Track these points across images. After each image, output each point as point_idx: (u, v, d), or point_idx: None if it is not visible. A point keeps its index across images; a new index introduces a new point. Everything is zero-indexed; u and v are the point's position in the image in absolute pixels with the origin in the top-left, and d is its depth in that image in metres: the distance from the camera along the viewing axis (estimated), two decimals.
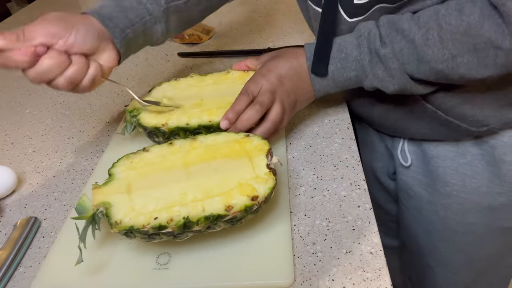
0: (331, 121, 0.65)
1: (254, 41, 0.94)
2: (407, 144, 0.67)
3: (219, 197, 0.43)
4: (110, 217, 0.43)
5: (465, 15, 0.45)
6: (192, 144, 0.50)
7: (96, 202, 0.44)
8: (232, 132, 0.51)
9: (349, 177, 0.54)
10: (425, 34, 0.47)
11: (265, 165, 0.46)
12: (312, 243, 0.46)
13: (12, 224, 0.54)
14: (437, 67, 0.48)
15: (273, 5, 1.13)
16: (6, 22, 1.27)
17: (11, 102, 0.83)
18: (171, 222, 0.41)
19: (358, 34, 0.52)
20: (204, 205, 0.42)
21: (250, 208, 0.42)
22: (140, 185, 0.46)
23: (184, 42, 0.97)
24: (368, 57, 0.51)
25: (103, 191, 0.46)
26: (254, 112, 0.53)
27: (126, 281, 0.44)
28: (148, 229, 0.41)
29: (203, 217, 0.41)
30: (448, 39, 0.46)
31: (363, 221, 0.48)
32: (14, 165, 0.65)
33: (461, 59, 0.46)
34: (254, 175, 0.45)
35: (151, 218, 0.42)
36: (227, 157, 0.48)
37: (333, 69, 0.54)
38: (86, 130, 0.71)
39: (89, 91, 0.54)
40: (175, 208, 0.42)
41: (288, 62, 0.57)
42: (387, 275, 0.42)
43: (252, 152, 0.48)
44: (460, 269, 0.72)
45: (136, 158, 0.49)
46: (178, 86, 0.62)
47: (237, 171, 0.46)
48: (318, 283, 0.42)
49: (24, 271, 0.48)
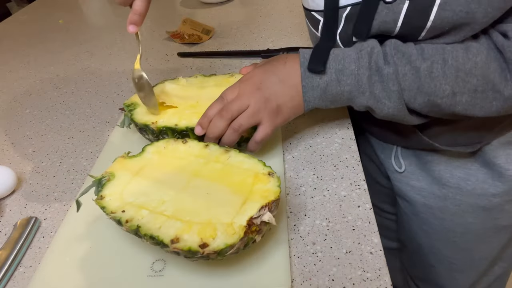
0: (331, 121, 0.65)
1: (254, 41, 0.94)
2: (401, 151, 0.67)
3: (179, 225, 0.41)
4: (102, 189, 0.46)
5: (472, 54, 0.44)
6: (221, 155, 0.49)
7: (110, 169, 0.49)
8: (261, 163, 0.47)
9: (349, 177, 0.54)
10: (430, 66, 0.46)
11: (249, 216, 0.40)
12: (312, 243, 0.46)
13: (12, 224, 0.54)
14: (435, 101, 0.48)
15: (273, 5, 1.13)
16: (6, 22, 1.27)
17: (11, 102, 0.83)
18: (128, 222, 0.42)
19: (359, 49, 0.50)
20: (163, 224, 0.41)
21: (194, 253, 0.39)
22: (147, 173, 0.48)
23: (184, 42, 0.97)
24: (367, 72, 0.49)
25: (123, 162, 0.50)
26: (219, 118, 0.51)
27: (121, 287, 0.43)
28: (111, 218, 0.43)
29: (150, 235, 0.40)
30: (452, 75, 0.45)
31: (363, 221, 0.48)
32: (14, 165, 0.65)
33: (460, 97, 0.46)
34: (230, 221, 0.41)
35: (121, 208, 0.43)
36: (229, 187, 0.45)
37: (327, 80, 0.51)
38: (86, 130, 0.71)
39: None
40: (142, 211, 0.43)
41: (271, 66, 0.55)
42: (387, 275, 0.42)
43: (254, 195, 0.43)
44: (463, 268, 0.72)
45: (171, 145, 0.52)
46: (179, 83, 0.63)
47: (221, 207, 0.43)
48: (318, 283, 0.42)
49: (24, 271, 0.48)
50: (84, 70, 0.91)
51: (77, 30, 1.15)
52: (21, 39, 1.13)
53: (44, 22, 1.22)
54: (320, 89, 0.52)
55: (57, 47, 1.05)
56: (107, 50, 1.00)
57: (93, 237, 0.49)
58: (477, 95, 0.46)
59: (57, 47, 1.05)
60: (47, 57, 1.00)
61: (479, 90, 0.45)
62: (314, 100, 0.53)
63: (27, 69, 0.96)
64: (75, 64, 0.95)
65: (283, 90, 0.53)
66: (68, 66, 0.94)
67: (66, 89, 0.85)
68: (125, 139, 0.65)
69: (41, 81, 0.89)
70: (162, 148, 0.51)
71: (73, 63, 0.96)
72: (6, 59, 1.02)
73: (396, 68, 0.47)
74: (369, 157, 0.77)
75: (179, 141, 0.52)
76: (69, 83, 0.87)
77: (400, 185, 0.70)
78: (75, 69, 0.93)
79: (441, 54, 0.46)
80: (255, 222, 0.40)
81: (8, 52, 1.05)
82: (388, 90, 0.48)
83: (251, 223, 0.40)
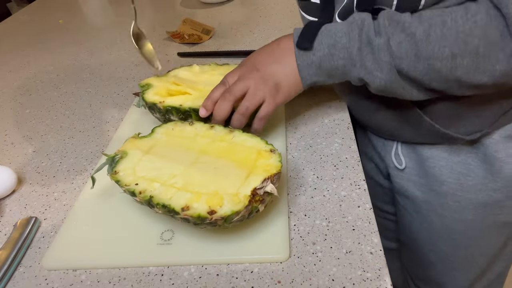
0: (331, 121, 0.65)
1: (254, 41, 0.94)
2: (401, 147, 0.67)
3: (189, 195, 0.44)
4: (116, 166, 0.49)
5: (471, 13, 0.43)
6: (225, 135, 0.53)
7: (122, 148, 0.52)
8: (264, 141, 0.51)
9: (349, 177, 0.54)
10: (427, 30, 0.45)
11: (253, 187, 0.44)
12: (312, 243, 0.46)
13: (12, 224, 0.54)
14: (435, 65, 0.46)
15: (273, 5, 1.13)
16: (6, 22, 1.27)
17: (11, 102, 0.83)
18: (141, 193, 0.45)
19: (350, 22, 0.49)
20: (174, 194, 0.45)
21: (203, 219, 0.42)
22: (157, 151, 0.52)
23: (184, 42, 0.97)
24: (357, 44, 0.48)
25: (134, 142, 0.54)
26: (223, 100, 0.54)
27: (133, 254, 0.47)
28: (125, 190, 0.47)
29: (162, 204, 0.44)
30: (451, 36, 0.44)
31: (363, 221, 0.48)
32: (14, 165, 0.65)
33: (461, 60, 0.45)
34: (235, 192, 0.44)
35: (134, 182, 0.47)
36: (234, 163, 0.48)
37: (320, 55, 0.51)
38: (86, 130, 0.71)
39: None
40: (154, 184, 0.46)
41: (267, 48, 0.57)
42: (387, 275, 0.42)
43: (258, 169, 0.47)
44: (463, 265, 0.72)
45: (179, 127, 0.55)
46: (192, 70, 0.68)
47: (227, 180, 0.46)
48: (318, 283, 0.42)
49: (24, 271, 0.48)
50: (84, 70, 0.91)
51: (77, 30, 1.15)
52: (21, 39, 1.13)
53: (44, 22, 1.22)
54: (315, 65, 0.53)
55: (57, 47, 1.05)
56: (107, 50, 1.00)
57: (106, 211, 0.53)
58: (479, 58, 0.44)
59: (57, 47, 1.05)
60: (47, 57, 1.00)
61: (480, 52, 0.44)
62: (311, 76, 0.54)
63: (27, 69, 0.96)
64: (75, 64, 0.95)
65: (279, 69, 0.55)
66: (68, 66, 0.94)
67: (66, 89, 0.85)
68: (140, 119, 0.70)
69: (41, 81, 0.89)
70: (170, 129, 0.55)
71: (73, 63, 0.96)
72: (6, 59, 1.02)
73: (388, 38, 0.46)
74: (369, 157, 0.77)
75: (186, 123, 0.56)
76: (69, 83, 0.87)
77: (401, 182, 0.70)
78: (75, 69, 0.93)
79: (439, 16, 0.45)
80: (259, 193, 0.44)
81: (8, 52, 1.05)
82: (380, 61, 0.48)
83: (255, 193, 0.43)
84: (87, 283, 0.45)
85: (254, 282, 0.43)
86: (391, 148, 0.69)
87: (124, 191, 0.48)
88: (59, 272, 0.47)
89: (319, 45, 0.51)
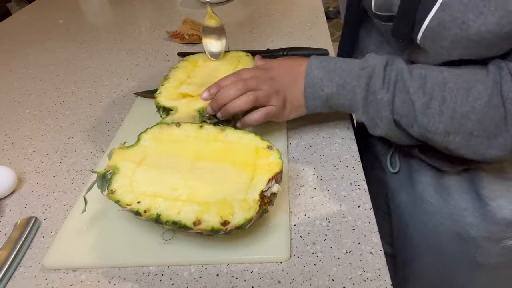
0: (331, 121, 0.65)
1: (254, 41, 0.94)
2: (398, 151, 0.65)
3: (197, 207, 0.43)
4: (111, 183, 0.47)
5: (472, 97, 0.44)
6: (218, 135, 0.51)
7: (112, 163, 0.49)
8: (258, 137, 0.50)
9: (349, 177, 0.54)
10: (427, 102, 0.46)
11: (260, 190, 0.43)
12: (312, 243, 0.46)
13: (12, 224, 0.54)
14: (428, 135, 0.48)
15: (273, 5, 1.13)
16: (6, 22, 1.27)
17: (11, 102, 0.83)
18: (146, 212, 0.43)
19: (362, 66, 0.51)
20: (181, 208, 0.43)
21: (217, 231, 0.42)
22: (151, 161, 0.49)
23: (184, 42, 0.97)
24: (363, 93, 0.50)
25: (123, 153, 0.50)
26: (233, 86, 0.54)
27: (134, 253, 0.47)
28: (128, 210, 0.44)
29: (171, 221, 0.42)
30: (447, 115, 0.45)
31: (363, 221, 0.48)
32: (14, 165, 0.65)
33: (453, 137, 0.46)
34: (243, 197, 0.43)
35: (135, 200, 0.44)
36: (234, 166, 0.47)
37: (328, 92, 0.53)
38: (86, 130, 0.71)
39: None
40: (158, 200, 0.44)
41: (289, 64, 0.57)
42: (387, 275, 0.42)
43: (260, 169, 0.46)
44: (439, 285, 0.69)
45: (166, 130, 0.53)
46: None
47: (232, 185, 0.45)
48: (318, 283, 0.42)
49: (24, 271, 0.48)
50: (84, 70, 0.91)
51: (77, 30, 1.15)
52: (21, 39, 1.13)
53: (44, 22, 1.22)
54: (321, 100, 0.55)
55: (57, 47, 1.05)
56: (107, 50, 1.00)
57: (107, 211, 0.52)
58: (472, 140, 0.45)
59: (57, 47, 1.05)
60: (47, 57, 1.00)
61: (474, 135, 0.44)
62: (315, 108, 0.56)
63: (27, 69, 0.96)
64: (75, 64, 0.95)
65: (292, 89, 0.56)
66: (68, 66, 0.94)
67: (66, 89, 0.85)
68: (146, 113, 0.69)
69: (41, 81, 0.89)
70: (158, 134, 0.53)
71: (73, 63, 0.96)
72: (6, 59, 1.02)
73: (392, 96, 0.48)
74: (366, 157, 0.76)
75: (173, 125, 0.53)
76: (69, 83, 0.87)
77: (393, 185, 0.68)
78: (75, 69, 0.93)
79: (441, 91, 0.45)
80: (266, 195, 0.43)
81: (8, 52, 1.05)
82: (380, 114, 0.49)
83: (263, 196, 0.43)
84: (87, 283, 0.45)
85: (254, 282, 0.43)
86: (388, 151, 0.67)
87: (127, 211, 0.45)
88: (59, 272, 0.47)
89: (329, 82, 0.53)
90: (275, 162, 0.46)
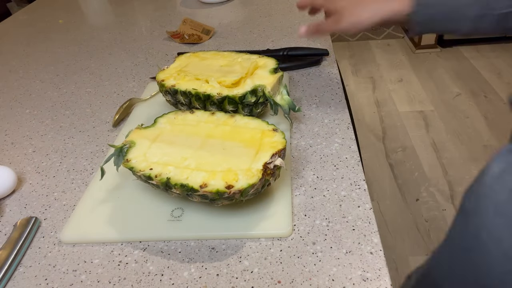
0: (331, 121, 0.65)
1: (254, 41, 0.94)
2: None
3: (204, 173, 0.47)
4: (127, 154, 0.51)
5: None
6: (228, 120, 0.56)
7: (129, 138, 0.54)
8: (265, 122, 0.54)
9: (349, 177, 0.54)
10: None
11: (263, 162, 0.47)
12: (312, 243, 0.46)
13: (12, 224, 0.54)
14: None
15: (273, 5, 1.13)
16: (6, 22, 1.27)
17: (11, 102, 0.83)
18: (157, 177, 0.47)
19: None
20: (189, 175, 0.47)
21: (221, 194, 0.44)
22: (165, 139, 0.54)
23: (184, 42, 0.97)
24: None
25: (140, 132, 0.55)
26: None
27: (144, 229, 0.50)
28: (140, 175, 0.48)
29: (180, 184, 0.46)
30: None
31: (363, 221, 0.48)
32: (14, 165, 0.65)
33: None
34: (248, 167, 0.47)
35: (148, 167, 0.49)
36: (241, 142, 0.51)
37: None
38: (86, 130, 0.71)
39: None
40: (169, 167, 0.48)
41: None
42: (387, 275, 0.42)
43: (265, 146, 0.50)
44: None
45: (180, 116, 0.58)
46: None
47: (238, 158, 0.49)
48: (318, 283, 0.42)
49: (24, 271, 0.48)
50: (84, 70, 0.91)
51: (77, 30, 1.15)
52: (21, 39, 1.13)
53: (44, 22, 1.22)
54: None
55: (57, 47, 1.05)
56: (107, 50, 1.00)
57: (119, 193, 0.56)
58: None
59: (57, 47, 1.05)
60: (47, 57, 1.00)
61: None
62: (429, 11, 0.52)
63: (27, 69, 0.96)
64: (75, 64, 0.95)
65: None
66: (68, 66, 0.94)
67: (66, 89, 0.85)
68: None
69: (41, 81, 0.89)
70: (173, 119, 0.57)
71: (73, 63, 0.96)
72: (6, 59, 1.02)
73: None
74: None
75: (187, 112, 0.58)
76: (69, 83, 0.87)
77: None
78: (75, 69, 0.93)
79: None
80: (269, 167, 0.47)
81: (8, 52, 1.05)
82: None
83: (266, 167, 0.46)
84: (87, 283, 0.45)
85: (254, 282, 0.43)
86: None
87: (139, 177, 0.50)
88: (59, 272, 0.47)
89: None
90: (279, 141, 0.50)
